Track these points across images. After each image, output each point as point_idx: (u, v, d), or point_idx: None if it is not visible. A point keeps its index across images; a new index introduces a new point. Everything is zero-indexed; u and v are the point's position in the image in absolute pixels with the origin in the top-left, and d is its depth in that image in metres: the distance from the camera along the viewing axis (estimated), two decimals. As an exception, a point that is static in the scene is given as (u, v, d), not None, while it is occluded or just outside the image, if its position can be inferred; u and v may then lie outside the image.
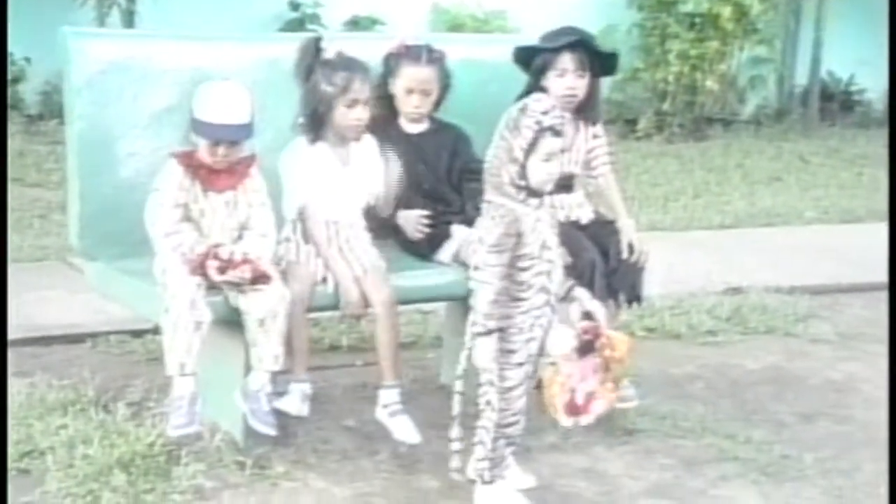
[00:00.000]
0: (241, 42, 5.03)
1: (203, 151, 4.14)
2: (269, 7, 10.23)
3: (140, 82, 4.44)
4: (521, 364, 3.76)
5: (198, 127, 4.12)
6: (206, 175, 4.17)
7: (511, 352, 3.75)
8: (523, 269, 3.72)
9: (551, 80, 4.65)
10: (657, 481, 4.19)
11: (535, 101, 3.75)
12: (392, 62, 4.60)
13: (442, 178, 4.65)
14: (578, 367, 3.81)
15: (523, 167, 3.67)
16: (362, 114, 4.33)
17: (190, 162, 4.16)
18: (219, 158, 4.14)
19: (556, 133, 3.71)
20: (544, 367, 3.84)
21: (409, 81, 4.58)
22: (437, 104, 4.65)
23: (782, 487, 4.19)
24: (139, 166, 4.36)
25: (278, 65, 4.53)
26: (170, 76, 4.39)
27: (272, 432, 4.13)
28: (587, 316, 3.86)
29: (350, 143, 4.39)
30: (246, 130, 4.14)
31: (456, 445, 3.84)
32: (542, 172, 3.70)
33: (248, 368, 4.14)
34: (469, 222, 4.52)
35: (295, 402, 4.29)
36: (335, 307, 4.34)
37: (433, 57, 4.61)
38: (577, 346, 3.78)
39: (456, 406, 3.83)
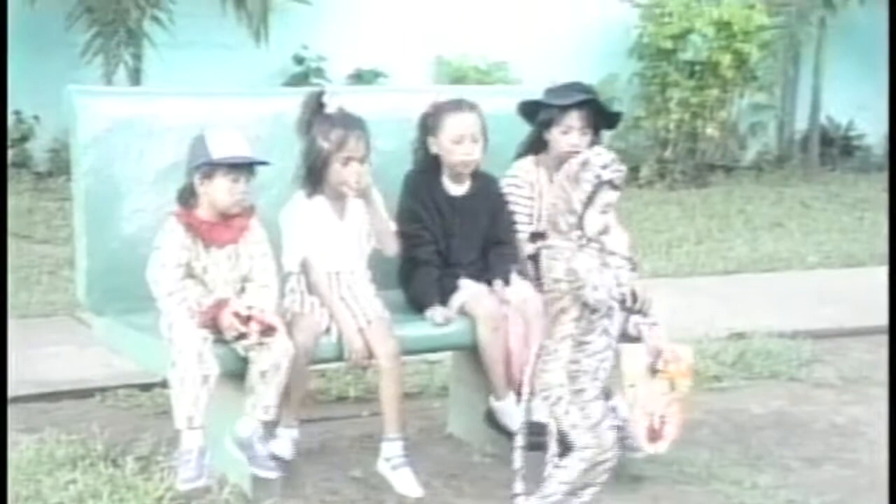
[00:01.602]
0: (246, 97, 5.12)
1: (220, 194, 4.17)
2: (273, 62, 10.31)
3: (146, 139, 4.50)
4: (597, 398, 3.88)
5: (216, 166, 4.15)
6: (208, 231, 4.22)
7: (582, 391, 3.89)
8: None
9: (555, 135, 4.71)
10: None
11: (596, 156, 3.83)
12: (430, 120, 4.62)
13: (473, 243, 4.68)
14: (650, 390, 3.89)
15: (581, 218, 3.75)
16: (358, 170, 4.36)
17: (190, 219, 4.20)
18: (238, 197, 4.17)
19: (614, 187, 3.79)
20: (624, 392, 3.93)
21: (458, 129, 4.58)
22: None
23: (789, 532, 4.21)
24: (145, 222, 4.41)
25: (282, 119, 4.58)
26: (175, 133, 4.44)
27: (273, 475, 4.16)
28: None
29: (347, 197, 4.43)
30: (255, 166, 4.21)
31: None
32: (598, 223, 3.81)
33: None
34: (477, 277, 4.57)
35: (284, 446, 4.33)
36: (339, 358, 4.38)
37: (471, 105, 4.65)
38: (650, 363, 3.87)
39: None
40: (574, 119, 4.70)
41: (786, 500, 4.42)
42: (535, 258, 3.99)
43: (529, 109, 4.80)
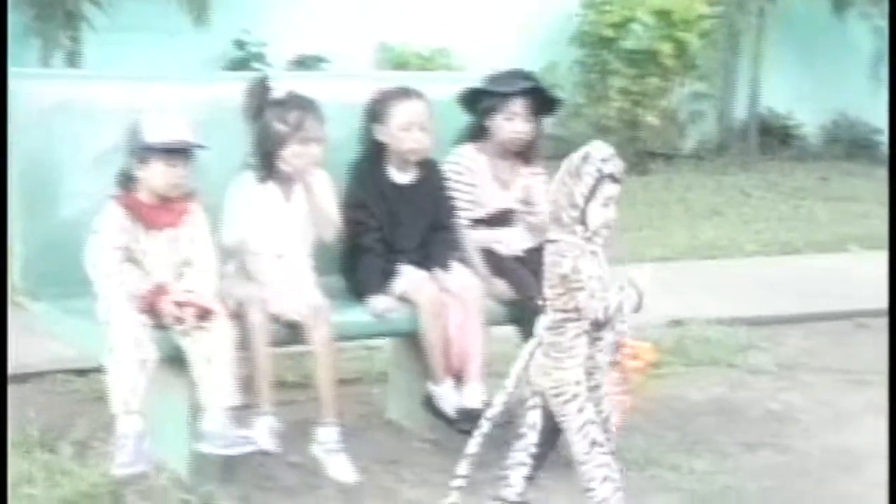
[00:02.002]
0: (185, 82, 5.08)
1: (157, 179, 4.14)
2: (214, 46, 10.24)
3: (84, 122, 4.47)
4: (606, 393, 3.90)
5: (151, 150, 4.12)
6: (147, 214, 4.19)
7: (597, 386, 3.88)
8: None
9: (498, 122, 4.73)
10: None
11: (596, 150, 3.84)
12: (377, 108, 4.60)
13: (417, 230, 4.68)
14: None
15: (583, 212, 3.76)
16: (315, 151, 4.37)
17: (130, 203, 4.18)
18: (174, 182, 4.15)
19: (615, 180, 3.81)
20: None
21: (407, 117, 4.57)
22: None
23: (725, 517, 4.25)
24: (82, 206, 4.37)
25: (222, 104, 4.57)
26: (114, 116, 4.39)
27: (254, 447, 4.15)
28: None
29: (296, 180, 4.42)
30: (195, 149, 4.19)
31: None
32: (600, 217, 3.81)
33: (194, 407, 4.15)
34: (419, 264, 4.57)
35: (261, 436, 4.28)
36: (284, 343, 4.35)
37: (419, 93, 4.64)
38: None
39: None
40: (518, 106, 4.72)
41: (722, 486, 4.47)
42: (537, 252, 3.93)
43: (470, 97, 4.81)
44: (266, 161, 4.38)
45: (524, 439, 3.92)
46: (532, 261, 4.67)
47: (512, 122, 4.72)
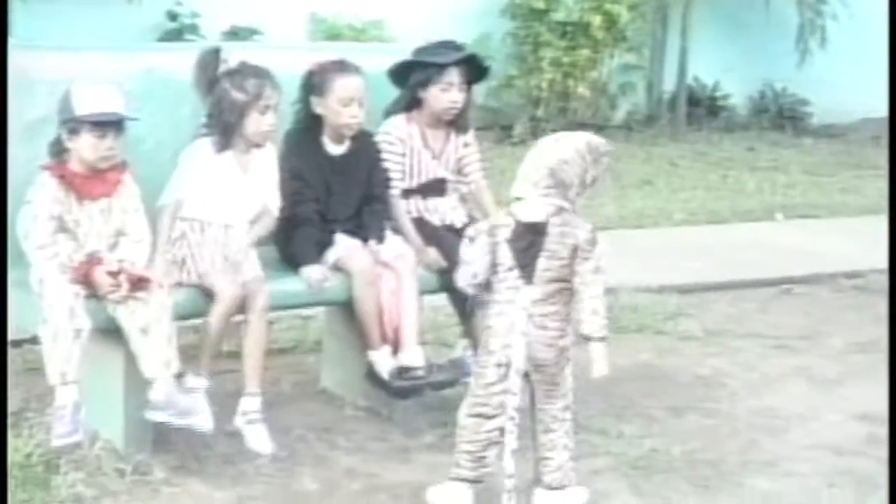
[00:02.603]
0: (118, 52, 5.04)
1: (86, 150, 4.13)
2: (146, 18, 10.14)
3: (14, 93, 4.41)
4: (499, 365, 3.91)
5: (81, 122, 4.11)
6: (80, 184, 4.18)
7: (491, 352, 3.93)
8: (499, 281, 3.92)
9: (434, 93, 4.77)
10: (531, 476, 4.30)
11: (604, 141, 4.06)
12: (316, 79, 4.61)
13: (351, 201, 4.70)
14: None
15: (580, 194, 4.01)
16: (273, 119, 4.40)
17: (63, 172, 4.17)
18: (104, 154, 4.14)
19: None
20: None
21: (346, 91, 4.58)
22: None
23: (652, 480, 4.34)
24: (13, 175, 4.33)
25: (154, 74, 4.57)
26: (44, 86, 4.37)
27: (204, 415, 4.17)
28: None
29: (252, 150, 4.44)
30: (126, 121, 4.17)
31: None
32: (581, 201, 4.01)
33: (130, 377, 4.16)
34: (353, 234, 4.60)
35: (260, 436, 4.31)
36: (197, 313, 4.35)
37: (356, 68, 4.65)
38: None
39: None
40: (454, 76, 4.77)
41: (650, 449, 4.56)
42: (543, 227, 3.96)
43: (403, 69, 4.84)
44: (225, 131, 4.38)
45: (501, 416, 3.92)
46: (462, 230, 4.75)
47: (448, 93, 4.77)
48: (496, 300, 3.95)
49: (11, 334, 4.95)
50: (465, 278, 4.00)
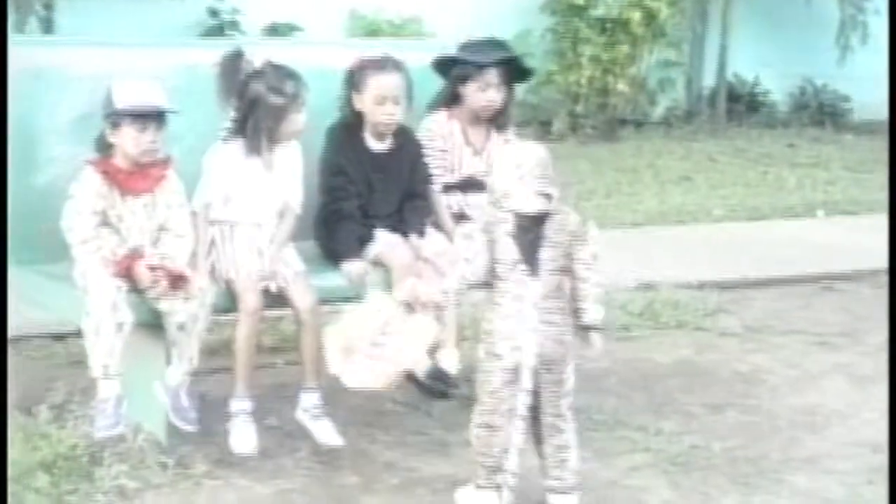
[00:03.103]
0: (159, 48, 5.10)
1: (128, 144, 4.16)
2: (188, 15, 10.23)
3: (58, 89, 4.49)
4: (506, 370, 3.80)
5: (121, 115, 4.14)
6: (124, 179, 4.21)
7: (497, 356, 3.82)
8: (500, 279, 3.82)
9: (472, 90, 4.78)
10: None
11: None
12: (356, 76, 4.61)
13: (392, 197, 4.72)
14: None
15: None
16: (304, 116, 4.39)
17: (106, 168, 4.20)
18: (145, 147, 4.16)
19: None
20: None
21: (381, 90, 4.58)
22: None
23: (691, 476, 4.32)
24: (58, 172, 4.40)
25: (196, 70, 4.58)
26: (88, 83, 4.42)
27: (192, 428, 4.20)
28: None
29: (276, 148, 4.44)
30: (168, 115, 4.20)
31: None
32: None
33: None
34: (393, 230, 4.62)
35: (241, 434, 4.32)
36: (228, 309, 4.36)
37: (397, 64, 4.63)
38: None
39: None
40: (492, 76, 4.78)
41: (689, 446, 4.54)
42: (542, 218, 3.89)
43: (444, 64, 4.85)
44: (259, 134, 4.34)
45: (511, 423, 3.82)
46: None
47: (485, 92, 4.78)
48: (499, 301, 3.81)
49: (56, 328, 5.04)
50: (465, 277, 3.85)
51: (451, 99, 4.85)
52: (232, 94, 4.36)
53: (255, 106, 4.33)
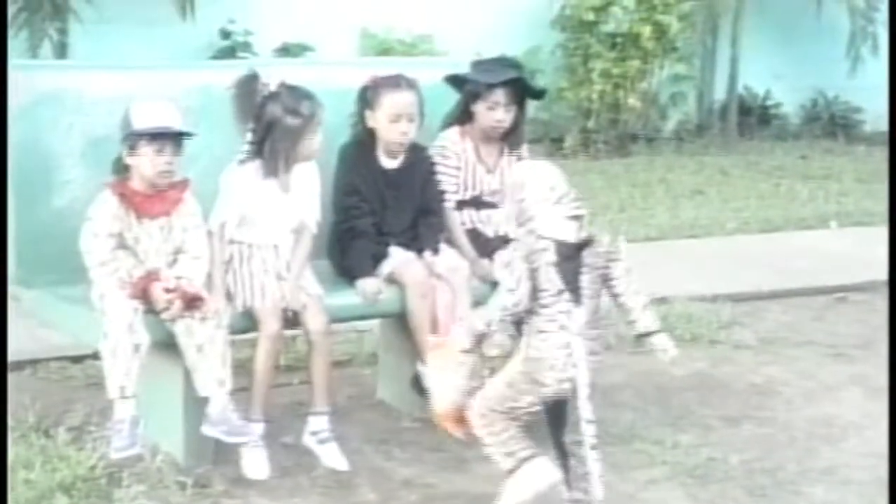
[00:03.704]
0: (173, 70, 5.13)
1: (145, 165, 4.19)
2: (200, 36, 10.28)
3: (74, 112, 4.52)
4: (545, 398, 3.83)
5: (138, 137, 4.17)
6: (140, 202, 4.24)
7: (545, 386, 3.82)
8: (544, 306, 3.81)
9: (481, 109, 4.80)
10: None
11: None
12: (369, 94, 4.63)
13: (405, 214, 4.74)
14: None
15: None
16: (321, 136, 4.41)
17: (123, 190, 4.23)
18: (162, 169, 4.19)
19: None
20: None
21: (395, 108, 4.60)
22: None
23: (709, 489, 4.33)
24: (75, 194, 4.43)
25: (210, 91, 4.61)
26: (103, 105, 4.46)
27: (254, 435, 4.23)
28: None
29: (293, 168, 4.45)
30: (184, 137, 4.23)
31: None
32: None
33: (188, 392, 4.22)
34: (407, 246, 4.64)
35: (332, 454, 4.38)
36: (245, 330, 4.38)
37: (410, 83, 4.66)
38: None
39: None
40: (500, 96, 4.79)
41: (706, 458, 4.55)
42: (581, 244, 3.88)
43: (454, 82, 4.88)
44: (276, 155, 4.35)
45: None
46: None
47: (493, 112, 4.80)
48: (546, 330, 3.79)
49: (73, 350, 5.07)
50: (508, 307, 3.80)
51: (463, 116, 4.87)
52: (248, 117, 4.37)
53: (271, 128, 4.34)
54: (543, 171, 4.00)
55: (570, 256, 3.81)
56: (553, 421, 3.95)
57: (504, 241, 4.77)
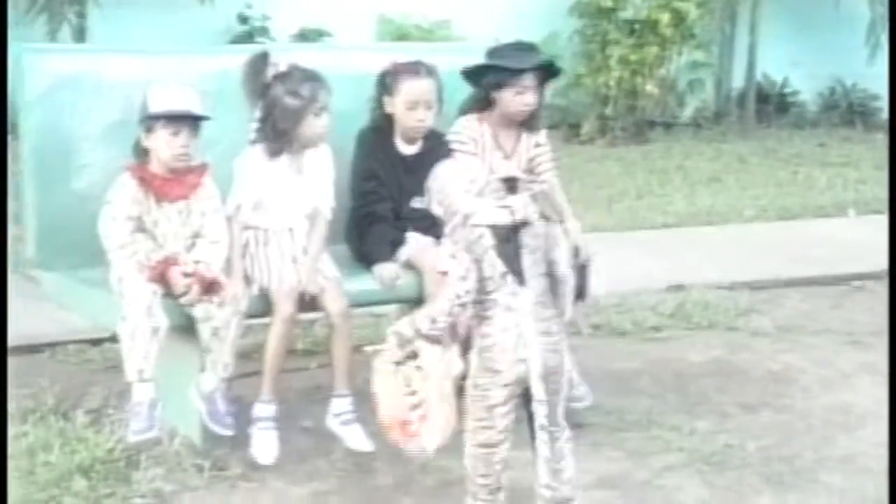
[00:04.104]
0: (191, 55, 5.12)
1: (162, 148, 4.20)
2: (217, 21, 10.29)
3: (92, 96, 4.53)
4: (506, 385, 3.71)
5: (154, 120, 4.18)
6: (159, 186, 4.25)
7: (497, 372, 3.73)
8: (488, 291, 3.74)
9: (507, 96, 4.76)
10: (605, 473, 4.32)
11: None
12: (388, 80, 4.64)
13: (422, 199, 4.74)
14: None
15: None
16: (326, 120, 4.40)
17: (142, 174, 4.24)
18: (178, 151, 4.20)
19: None
20: None
21: (412, 95, 4.61)
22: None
23: (725, 476, 4.33)
24: (93, 178, 4.45)
25: (228, 76, 4.61)
26: (121, 89, 4.47)
27: (229, 432, 4.22)
28: None
29: (305, 151, 4.45)
30: (201, 120, 4.23)
31: None
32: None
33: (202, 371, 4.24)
34: (425, 232, 4.64)
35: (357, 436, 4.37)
36: (262, 314, 4.37)
37: (430, 69, 4.67)
38: None
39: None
40: (529, 80, 4.78)
41: (723, 445, 4.55)
42: (517, 226, 3.84)
43: (477, 72, 4.84)
44: (278, 136, 4.38)
45: (507, 441, 3.76)
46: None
47: (522, 96, 4.78)
48: (491, 315, 3.71)
49: (92, 333, 5.08)
50: (457, 295, 3.71)
51: (482, 103, 4.86)
52: (257, 97, 4.39)
53: (273, 108, 4.36)
54: (460, 167, 4.03)
55: (508, 238, 3.76)
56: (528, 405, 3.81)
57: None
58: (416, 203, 4.44)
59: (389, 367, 3.90)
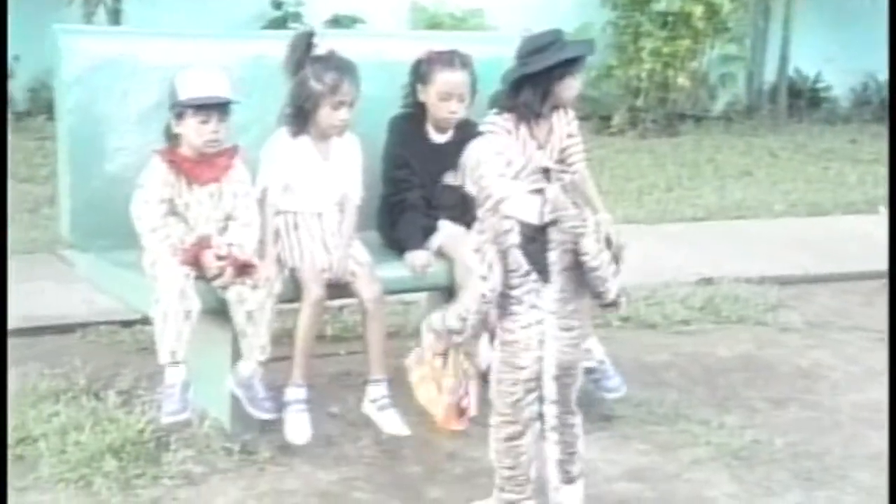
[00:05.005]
0: (226, 39, 5.15)
1: (192, 134, 4.21)
2: (252, 6, 10.33)
3: (128, 79, 4.55)
4: (528, 380, 3.68)
5: (184, 107, 4.18)
6: (190, 169, 4.26)
7: (520, 368, 3.70)
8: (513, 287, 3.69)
9: (568, 84, 4.72)
10: (633, 466, 4.32)
11: None
12: (423, 69, 4.64)
13: (454, 189, 4.73)
14: None
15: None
16: (346, 115, 4.40)
17: (174, 157, 4.25)
18: (208, 137, 4.20)
19: None
20: None
21: (446, 87, 4.61)
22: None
23: (754, 471, 4.32)
24: (128, 161, 4.46)
25: (262, 61, 4.64)
26: (157, 73, 4.47)
27: (271, 416, 4.23)
28: None
29: (332, 139, 4.47)
30: (230, 104, 4.24)
31: None
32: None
33: (236, 357, 4.25)
34: (456, 221, 4.64)
35: (393, 420, 4.39)
36: (290, 299, 4.37)
37: (465, 61, 4.66)
38: None
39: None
40: (579, 67, 4.76)
41: (751, 440, 4.54)
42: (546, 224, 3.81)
43: (523, 78, 4.76)
44: (299, 116, 4.40)
45: (530, 431, 3.73)
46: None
47: (574, 80, 4.75)
48: (516, 311, 3.67)
49: (123, 315, 5.12)
50: (483, 295, 3.64)
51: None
52: (293, 73, 4.41)
53: (299, 89, 4.38)
54: (498, 147, 3.93)
55: (534, 238, 3.68)
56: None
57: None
58: (449, 179, 4.42)
59: (425, 373, 4.13)
